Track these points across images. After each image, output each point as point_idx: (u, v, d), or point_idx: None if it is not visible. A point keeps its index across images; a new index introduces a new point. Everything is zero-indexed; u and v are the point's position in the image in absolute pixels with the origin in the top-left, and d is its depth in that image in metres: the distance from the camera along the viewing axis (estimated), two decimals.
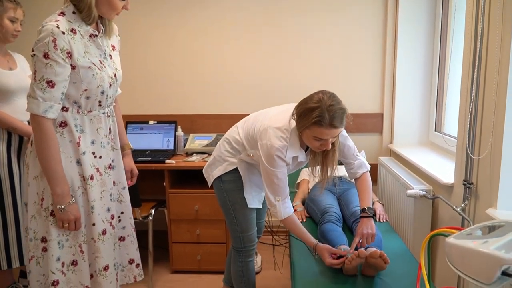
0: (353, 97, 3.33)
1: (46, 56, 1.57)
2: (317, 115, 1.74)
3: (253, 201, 2.14)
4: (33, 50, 1.59)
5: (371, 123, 3.35)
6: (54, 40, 1.57)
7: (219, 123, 3.41)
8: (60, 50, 1.58)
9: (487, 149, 1.86)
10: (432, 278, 2.40)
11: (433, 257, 2.47)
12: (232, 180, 2.11)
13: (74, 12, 1.66)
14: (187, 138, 3.25)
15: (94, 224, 1.78)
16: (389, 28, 3.19)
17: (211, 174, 2.17)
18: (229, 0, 3.31)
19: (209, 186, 2.22)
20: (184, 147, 3.19)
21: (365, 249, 1.90)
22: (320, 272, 1.96)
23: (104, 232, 1.82)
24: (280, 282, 2.87)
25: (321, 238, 2.16)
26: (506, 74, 1.70)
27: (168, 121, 3.28)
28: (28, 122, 2.42)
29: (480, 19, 1.89)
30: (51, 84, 1.59)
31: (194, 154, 3.11)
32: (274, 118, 1.95)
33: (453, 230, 1.17)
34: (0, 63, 2.32)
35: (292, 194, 2.77)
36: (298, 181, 3.02)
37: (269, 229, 3.30)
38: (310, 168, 2.05)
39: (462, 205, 2.05)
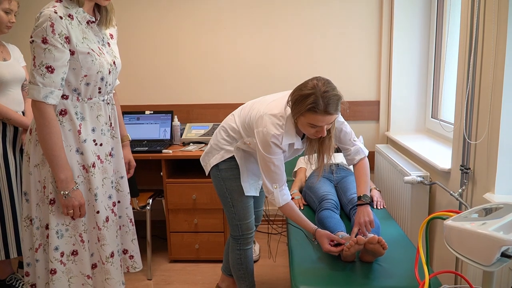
0: (350, 84, 3.32)
1: (44, 41, 1.56)
2: (311, 102, 1.73)
3: (250, 189, 2.13)
4: (31, 37, 1.58)
5: (368, 111, 3.34)
6: (52, 25, 1.55)
7: (216, 113, 3.40)
8: (58, 34, 1.57)
9: (484, 134, 1.85)
10: (430, 263, 2.42)
11: (431, 242, 2.48)
12: (229, 168, 2.10)
13: None
14: (184, 128, 3.24)
15: (98, 212, 1.77)
16: (385, 15, 3.17)
17: (208, 163, 2.16)
18: None
19: (207, 174, 2.22)
20: (181, 136, 3.18)
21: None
22: (318, 259, 1.97)
23: (107, 219, 1.82)
24: (278, 270, 2.88)
25: (319, 225, 2.15)
26: (503, 59, 1.69)
27: (164, 111, 3.26)
28: (23, 113, 2.41)
29: (476, 4, 1.88)
30: (50, 69, 1.58)
31: (191, 144, 3.10)
32: (270, 105, 1.93)
33: (451, 213, 1.17)
34: None
35: (290, 183, 2.77)
36: (295, 169, 3.02)
37: (266, 218, 3.31)
38: (306, 156, 2.05)
39: (460, 190, 2.05)
